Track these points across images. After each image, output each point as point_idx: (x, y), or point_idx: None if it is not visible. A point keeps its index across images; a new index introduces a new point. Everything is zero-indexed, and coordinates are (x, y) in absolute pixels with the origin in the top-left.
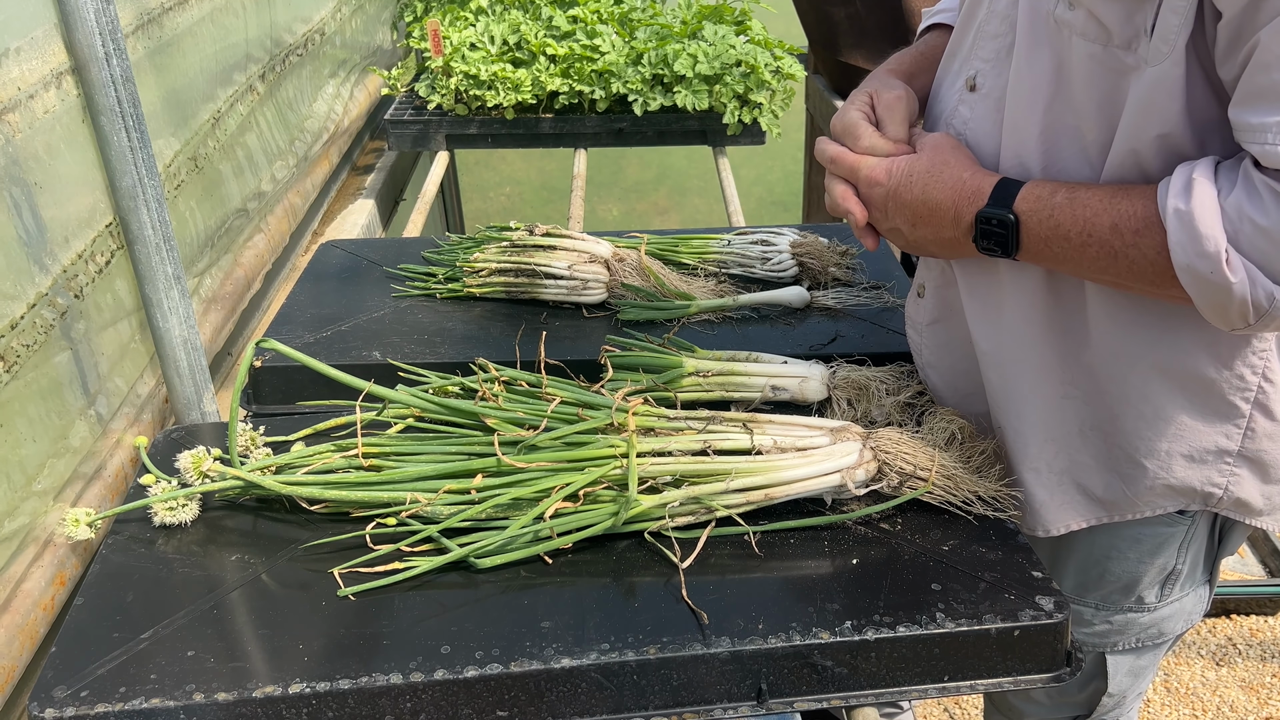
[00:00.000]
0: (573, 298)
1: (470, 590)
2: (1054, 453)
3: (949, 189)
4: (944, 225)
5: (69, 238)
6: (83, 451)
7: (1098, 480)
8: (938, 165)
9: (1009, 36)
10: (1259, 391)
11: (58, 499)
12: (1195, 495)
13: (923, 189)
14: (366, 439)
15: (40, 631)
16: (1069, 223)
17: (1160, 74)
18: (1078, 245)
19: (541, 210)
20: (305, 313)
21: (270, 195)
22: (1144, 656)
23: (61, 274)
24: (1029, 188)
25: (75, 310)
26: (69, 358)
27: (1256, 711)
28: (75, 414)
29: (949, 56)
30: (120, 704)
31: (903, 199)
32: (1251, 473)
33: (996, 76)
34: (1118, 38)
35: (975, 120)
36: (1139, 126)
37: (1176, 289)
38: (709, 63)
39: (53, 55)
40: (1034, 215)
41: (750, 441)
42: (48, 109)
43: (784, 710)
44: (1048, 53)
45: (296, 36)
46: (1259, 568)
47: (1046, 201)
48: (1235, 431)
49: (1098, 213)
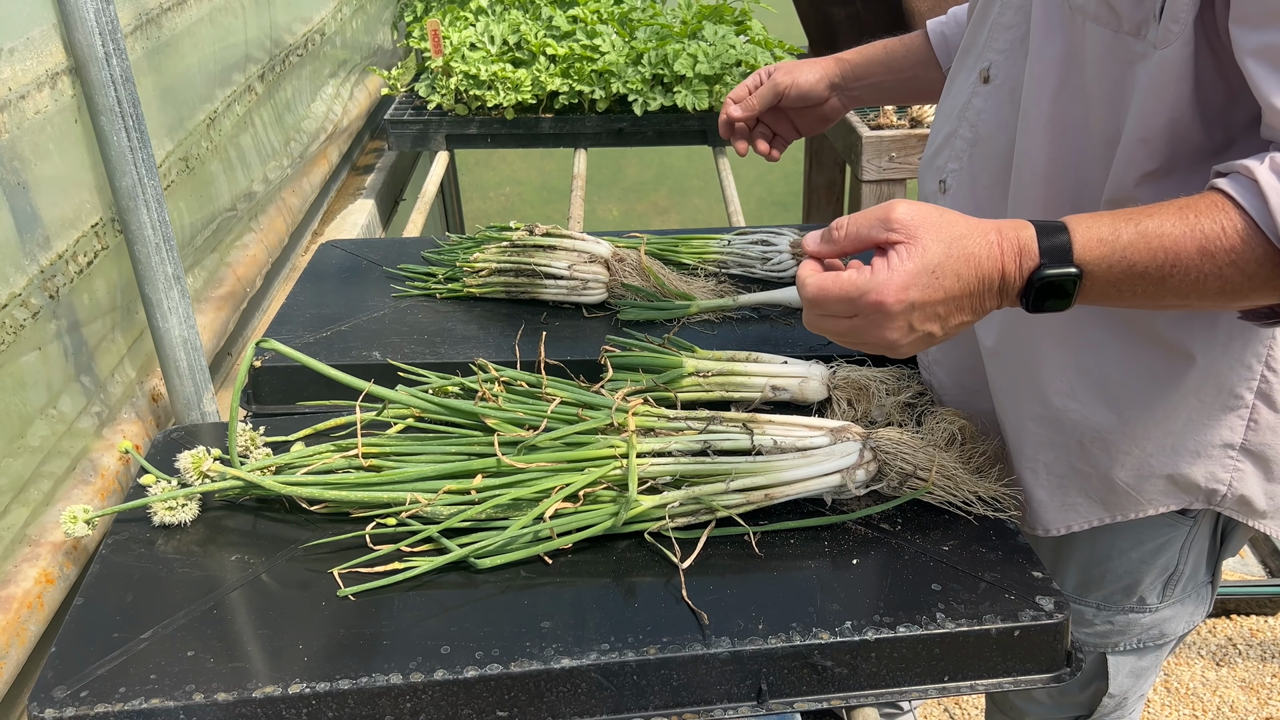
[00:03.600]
0: (573, 298)
1: (470, 590)
2: (1053, 458)
3: (982, 260)
4: (987, 299)
5: (51, 238)
6: (64, 451)
7: (1097, 483)
8: (950, 242)
9: (1023, 26)
10: (1262, 381)
11: (48, 499)
12: (1199, 492)
13: (954, 278)
14: (366, 439)
15: (30, 631)
16: (1146, 260)
17: (1169, 56)
18: (1155, 280)
19: (541, 210)
20: (305, 313)
21: (263, 195)
22: (1145, 657)
23: (39, 274)
24: (1084, 230)
25: (49, 310)
26: (50, 356)
27: (1256, 711)
28: (76, 414)
29: (963, 53)
30: (120, 704)
31: (931, 303)
32: (1255, 468)
33: (1010, 67)
34: (1127, 23)
35: (988, 112)
36: (1150, 113)
37: (1262, 298)
38: (709, 63)
39: (49, 56)
40: (1102, 263)
41: (750, 442)
42: (39, 109)
43: (784, 710)
44: (1060, 40)
45: (296, 37)
46: (1259, 568)
47: (1112, 244)
48: (1239, 423)
49: (1179, 240)
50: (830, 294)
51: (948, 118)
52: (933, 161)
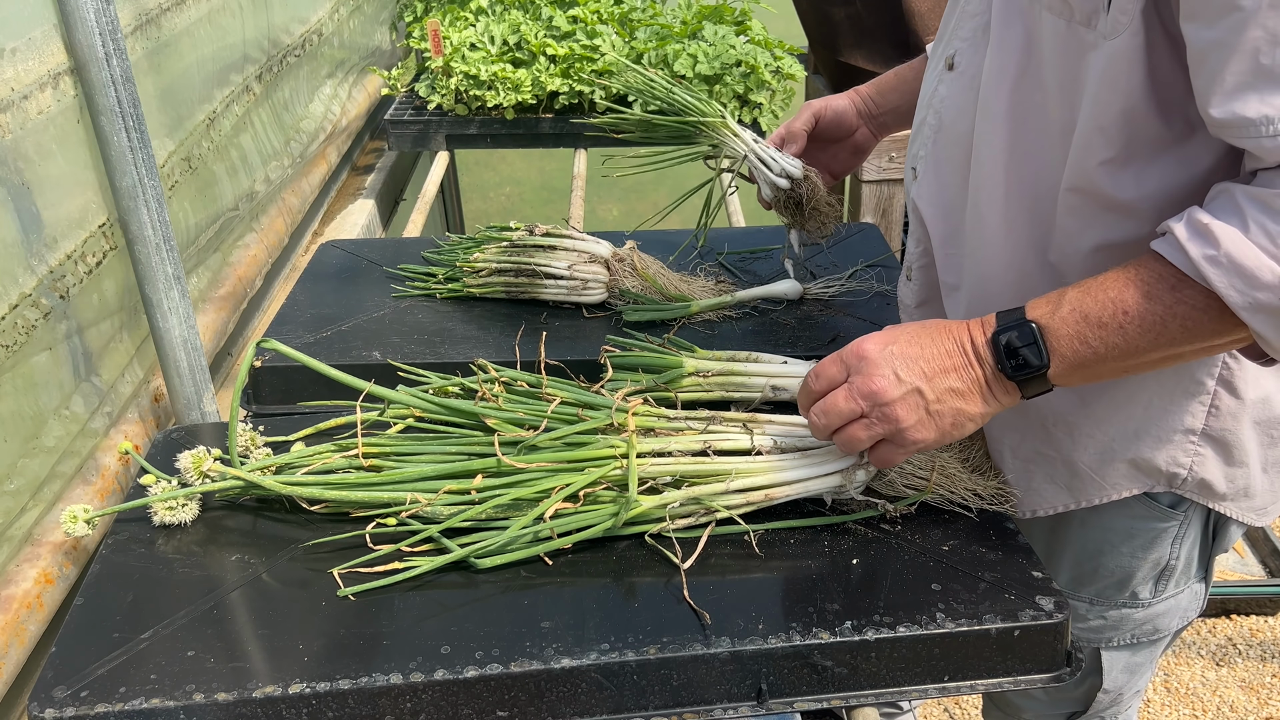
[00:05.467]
0: (573, 298)
1: (470, 590)
2: (1018, 440)
3: (951, 326)
4: (970, 363)
5: (58, 238)
6: (76, 451)
7: (1061, 466)
8: (921, 322)
9: (986, 15)
10: (1224, 367)
11: (39, 498)
12: (1160, 475)
13: (929, 338)
14: (366, 439)
15: (30, 631)
16: (1096, 308)
17: (1119, 47)
18: (1115, 328)
19: (541, 210)
20: (305, 313)
21: (264, 195)
22: (1140, 653)
23: (48, 274)
24: (1031, 302)
25: (59, 311)
26: (55, 357)
27: (1256, 711)
28: (76, 414)
29: (936, 40)
30: (120, 704)
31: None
32: (1215, 453)
33: (973, 55)
34: (1079, 13)
35: (950, 99)
36: (1103, 103)
37: (1240, 332)
38: (709, 63)
39: (50, 56)
40: (1053, 315)
41: (750, 442)
42: (41, 109)
43: (784, 710)
44: (1019, 29)
45: (294, 37)
46: (1259, 568)
47: (1057, 300)
48: (1200, 409)
49: (1121, 288)
50: (823, 361)
51: (920, 105)
52: (909, 149)
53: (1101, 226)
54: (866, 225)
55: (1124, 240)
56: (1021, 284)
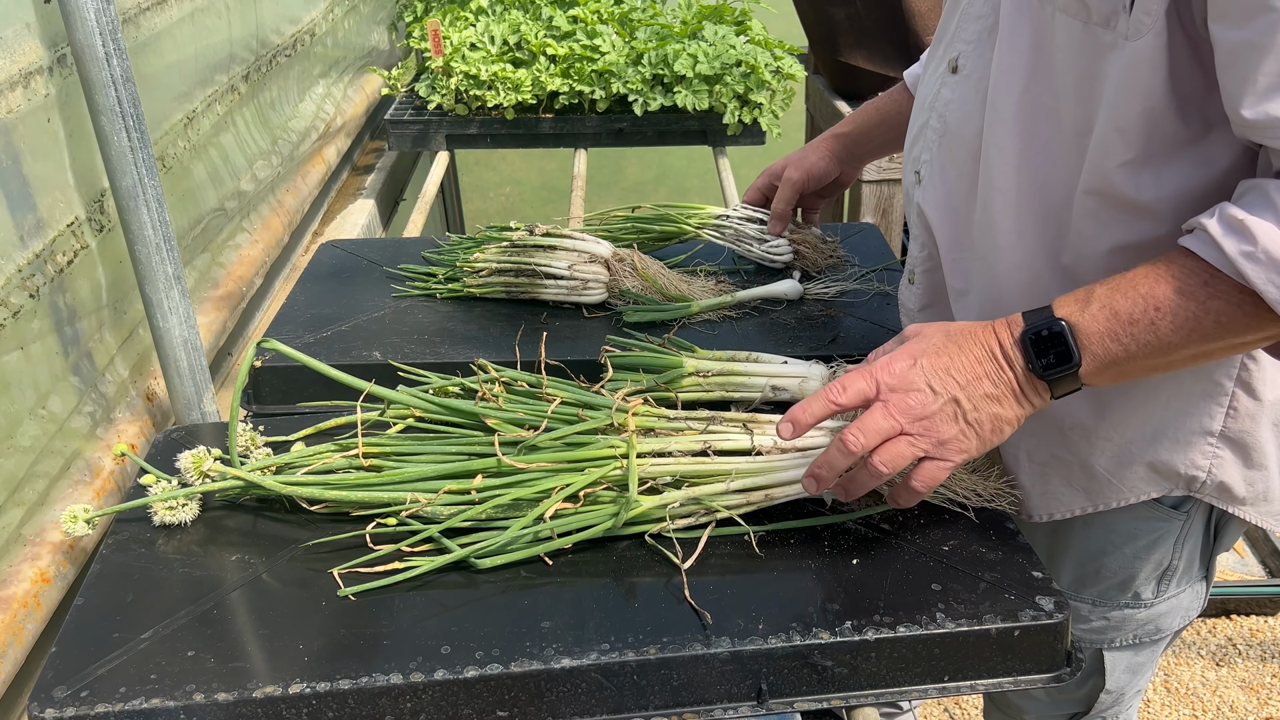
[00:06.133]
0: (573, 298)
1: (470, 590)
2: (1034, 444)
3: (976, 330)
4: (1001, 366)
5: (26, 237)
6: (56, 451)
7: (1078, 471)
8: (945, 326)
9: (991, 17)
10: (1242, 369)
11: (43, 500)
12: (1179, 479)
13: (956, 346)
14: (367, 439)
15: (28, 631)
16: (1127, 305)
17: (1141, 48)
18: (1147, 324)
19: (541, 210)
20: (305, 313)
21: (254, 195)
22: (1142, 653)
23: (17, 272)
24: (1057, 300)
25: (30, 309)
26: (34, 355)
27: (1256, 711)
28: (76, 414)
29: (935, 42)
30: (120, 704)
31: (940, 366)
32: (1234, 455)
33: (978, 57)
34: (1096, 14)
35: (955, 102)
36: (1123, 103)
37: (1272, 329)
38: (709, 63)
39: (22, 56)
40: (1082, 312)
41: (751, 442)
42: (11, 109)
43: (784, 710)
44: (1028, 31)
45: (284, 37)
46: (1259, 568)
47: (1085, 298)
48: (1218, 410)
49: (1152, 284)
50: (849, 374)
51: (921, 108)
52: (909, 153)
53: (1119, 228)
54: (866, 225)
55: (1141, 241)
56: (1034, 287)
